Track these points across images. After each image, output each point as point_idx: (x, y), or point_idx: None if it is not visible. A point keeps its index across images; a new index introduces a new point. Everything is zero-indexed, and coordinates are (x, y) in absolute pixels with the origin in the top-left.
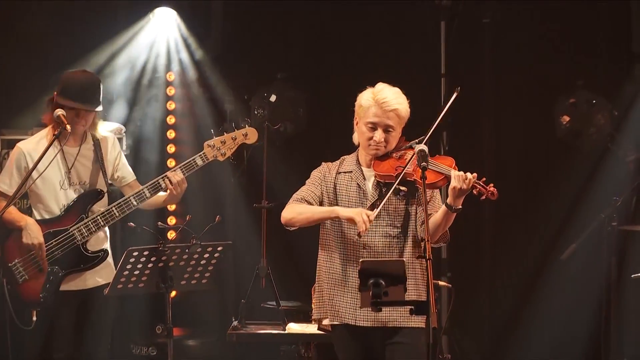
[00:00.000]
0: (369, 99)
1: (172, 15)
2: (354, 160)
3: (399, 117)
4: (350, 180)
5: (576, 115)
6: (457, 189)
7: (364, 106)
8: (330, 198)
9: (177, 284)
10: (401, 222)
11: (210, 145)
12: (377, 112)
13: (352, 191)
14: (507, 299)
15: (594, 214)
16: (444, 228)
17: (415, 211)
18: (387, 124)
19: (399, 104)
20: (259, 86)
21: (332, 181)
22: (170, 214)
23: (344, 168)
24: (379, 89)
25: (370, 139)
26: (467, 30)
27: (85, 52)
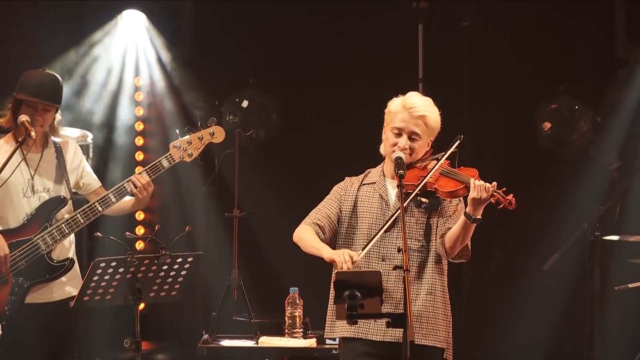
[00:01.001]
0: (398, 105)
1: (140, 17)
2: (378, 172)
3: (426, 126)
4: (372, 192)
5: (558, 122)
6: (476, 198)
7: (392, 112)
8: (349, 209)
9: (145, 295)
10: (423, 236)
11: (176, 146)
12: (404, 118)
13: (374, 202)
14: (488, 310)
15: (576, 223)
16: (463, 241)
17: (437, 224)
18: (412, 131)
19: (428, 112)
20: (231, 91)
21: (354, 193)
22: (139, 224)
23: (368, 180)
24: (409, 96)
25: (394, 144)
26: (446, 34)
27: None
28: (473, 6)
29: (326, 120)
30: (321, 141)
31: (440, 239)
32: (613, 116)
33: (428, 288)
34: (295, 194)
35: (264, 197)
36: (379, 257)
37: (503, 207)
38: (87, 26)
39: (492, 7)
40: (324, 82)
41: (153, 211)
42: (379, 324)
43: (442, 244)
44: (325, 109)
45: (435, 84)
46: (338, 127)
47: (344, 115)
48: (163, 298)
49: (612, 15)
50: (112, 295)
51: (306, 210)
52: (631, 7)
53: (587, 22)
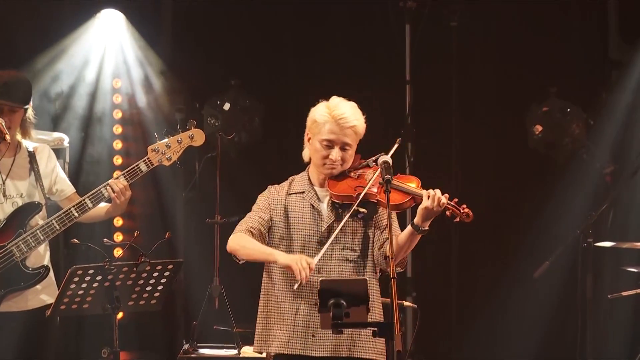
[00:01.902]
0: (325, 115)
1: (119, 17)
2: (305, 180)
3: (356, 134)
4: (302, 202)
5: (549, 125)
6: (428, 209)
7: (319, 122)
8: (280, 222)
9: (124, 304)
10: (360, 246)
11: (154, 150)
12: (334, 129)
13: (306, 213)
14: (476, 319)
15: (568, 229)
16: (406, 251)
17: (374, 234)
18: (344, 142)
19: (357, 120)
20: (212, 93)
21: (283, 204)
22: (117, 230)
23: (294, 189)
24: (335, 104)
25: (325, 157)
26: (434, 34)
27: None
28: (462, 6)
29: None
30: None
31: (380, 249)
32: (606, 119)
33: None
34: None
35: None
36: (315, 269)
37: (460, 220)
38: (64, 26)
39: (481, 7)
40: (308, 84)
41: (132, 217)
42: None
43: (382, 255)
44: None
45: (423, 86)
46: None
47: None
48: (142, 307)
49: (605, 15)
50: (90, 304)
51: None
52: (624, 7)
53: (579, 22)
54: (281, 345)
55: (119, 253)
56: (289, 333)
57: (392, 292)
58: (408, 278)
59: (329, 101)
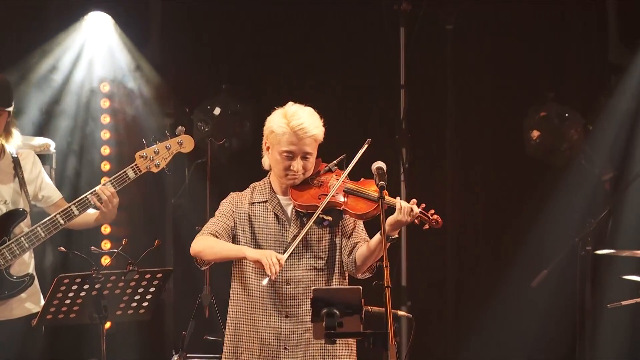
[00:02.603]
0: (282, 125)
1: (106, 20)
2: (266, 188)
3: (316, 142)
4: (266, 211)
5: (547, 130)
6: (399, 222)
7: (277, 133)
8: (245, 231)
9: (112, 314)
10: (326, 254)
11: (142, 156)
12: (293, 140)
13: (270, 222)
14: (472, 329)
15: (567, 237)
16: (376, 258)
17: (341, 241)
18: (304, 151)
19: (316, 128)
20: (202, 98)
21: (246, 212)
22: (105, 238)
23: (256, 198)
24: (292, 113)
25: (287, 168)
26: (429, 37)
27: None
28: (457, 8)
29: None
30: None
31: (349, 256)
32: (605, 124)
33: None
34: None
35: None
36: (283, 280)
37: (429, 227)
38: (51, 28)
39: (477, 10)
40: (301, 88)
41: (120, 225)
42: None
43: (352, 262)
44: None
45: (418, 90)
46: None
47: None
48: (130, 316)
49: (604, 19)
50: (77, 313)
51: None
52: (624, 10)
53: (578, 26)
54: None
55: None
56: (259, 345)
57: (387, 301)
58: (403, 287)
59: (285, 109)
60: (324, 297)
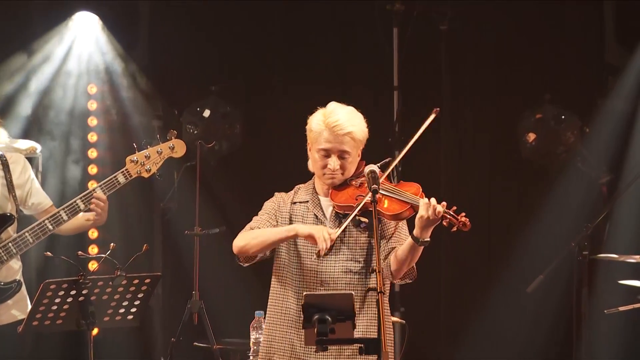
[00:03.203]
0: (320, 123)
1: (93, 20)
2: (309, 189)
3: (354, 141)
4: (306, 211)
5: (543, 133)
6: (424, 219)
7: (315, 131)
8: None
9: (99, 320)
10: (363, 257)
11: (133, 161)
12: (329, 138)
13: (309, 222)
14: (467, 335)
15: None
16: (410, 263)
17: (379, 244)
18: (341, 150)
19: (353, 126)
20: (191, 100)
21: (288, 212)
22: (92, 243)
23: (299, 198)
24: (329, 111)
25: (324, 167)
26: (423, 38)
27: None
28: (452, 8)
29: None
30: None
31: (385, 260)
32: (602, 126)
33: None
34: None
35: (227, 214)
36: (317, 281)
37: (457, 229)
38: (36, 29)
39: (472, 10)
40: (291, 90)
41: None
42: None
43: (388, 266)
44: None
45: (412, 92)
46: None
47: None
48: (118, 322)
49: (601, 18)
50: (64, 320)
51: None
52: (621, 10)
53: (574, 26)
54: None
55: (94, 266)
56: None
57: (380, 307)
58: (396, 292)
59: (326, 108)
60: (316, 302)
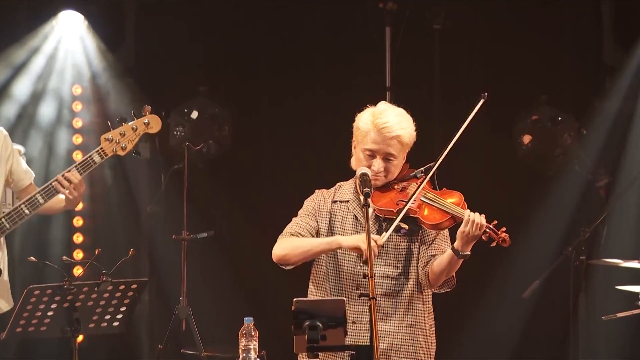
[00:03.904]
0: (368, 122)
1: (78, 19)
2: (351, 188)
3: (401, 144)
4: (346, 211)
5: (539, 135)
6: (465, 234)
7: (362, 130)
8: (325, 231)
9: (84, 327)
10: (402, 263)
11: (108, 139)
12: (376, 139)
13: (347, 223)
14: (461, 342)
15: (559, 246)
16: (449, 273)
17: (419, 250)
18: (387, 152)
19: (402, 129)
20: (178, 101)
21: (328, 211)
22: (77, 247)
23: (340, 196)
24: (379, 111)
25: (368, 167)
26: (416, 38)
27: None
28: (445, 8)
29: (284, 132)
30: (279, 155)
31: (424, 268)
32: (600, 128)
33: (409, 319)
34: (250, 214)
35: (215, 218)
36: (353, 284)
37: (496, 244)
38: (20, 28)
39: (467, 9)
40: (282, 90)
41: (93, 233)
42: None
43: (426, 275)
44: (283, 120)
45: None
46: (297, 140)
47: (303, 127)
48: (104, 329)
49: (598, 18)
50: (48, 326)
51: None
52: (619, 9)
53: (571, 26)
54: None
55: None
56: None
57: (372, 313)
58: None
59: (376, 107)
60: (307, 308)
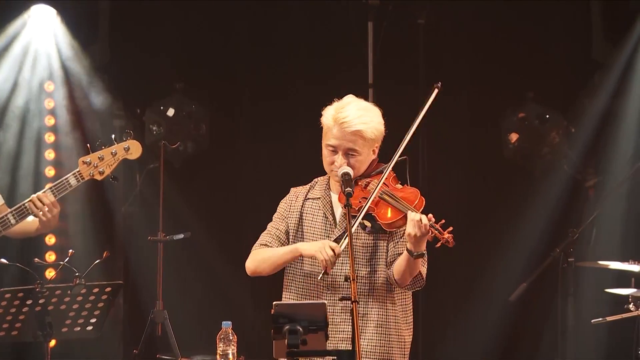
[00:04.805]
0: (329, 117)
1: (51, 14)
2: (324, 185)
3: (363, 139)
4: (317, 209)
5: (526, 133)
6: (411, 234)
7: (325, 125)
8: (294, 231)
9: (57, 331)
10: (372, 261)
11: (85, 162)
12: (337, 134)
13: (317, 222)
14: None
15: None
16: (412, 273)
17: (387, 248)
18: (348, 148)
19: (363, 124)
20: (154, 98)
21: (298, 210)
22: (49, 249)
23: (313, 194)
24: (342, 105)
25: (331, 163)
26: (399, 33)
27: None
28: (430, 2)
29: (263, 131)
30: (257, 155)
31: (389, 268)
32: (589, 126)
33: (378, 320)
34: (228, 214)
35: (192, 219)
36: (324, 285)
37: (441, 245)
38: None
39: (452, 3)
40: (262, 87)
41: (65, 235)
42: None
43: (392, 275)
44: (263, 118)
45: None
46: (277, 139)
47: (283, 125)
48: (77, 333)
49: (586, 13)
50: (19, 331)
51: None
52: (609, 4)
53: (558, 21)
54: None
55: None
56: None
57: (354, 317)
58: None
59: (340, 101)
60: (286, 312)
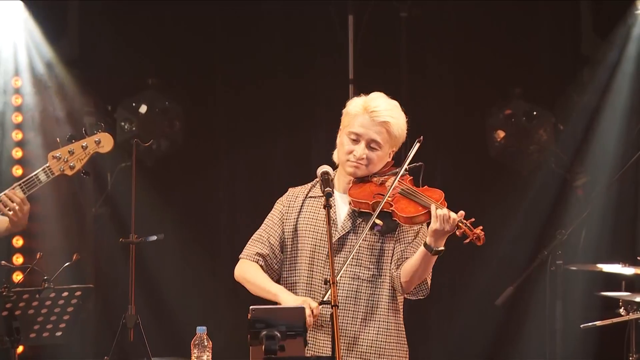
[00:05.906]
0: (359, 106)
1: (19, 8)
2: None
3: (388, 134)
4: (319, 207)
5: (513, 130)
6: (437, 229)
7: (351, 113)
8: (291, 233)
9: (25, 336)
10: (375, 264)
11: (55, 157)
12: (364, 122)
13: (319, 220)
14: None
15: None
16: (422, 275)
17: (392, 250)
18: (372, 139)
19: (392, 118)
20: (126, 94)
21: (297, 210)
22: (17, 251)
23: (315, 192)
24: (372, 97)
25: (349, 152)
26: (381, 27)
27: None
28: None
29: (240, 127)
30: (234, 153)
31: (397, 271)
32: (577, 123)
33: (379, 326)
34: (203, 215)
35: (165, 220)
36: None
37: (470, 241)
38: None
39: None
40: (237, 83)
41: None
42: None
43: (398, 277)
44: (239, 114)
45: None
46: (254, 136)
47: (260, 122)
48: (46, 339)
49: (576, 7)
50: None
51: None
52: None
53: (547, 14)
54: None
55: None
56: None
57: (334, 322)
58: None
59: (369, 94)
60: (264, 317)
